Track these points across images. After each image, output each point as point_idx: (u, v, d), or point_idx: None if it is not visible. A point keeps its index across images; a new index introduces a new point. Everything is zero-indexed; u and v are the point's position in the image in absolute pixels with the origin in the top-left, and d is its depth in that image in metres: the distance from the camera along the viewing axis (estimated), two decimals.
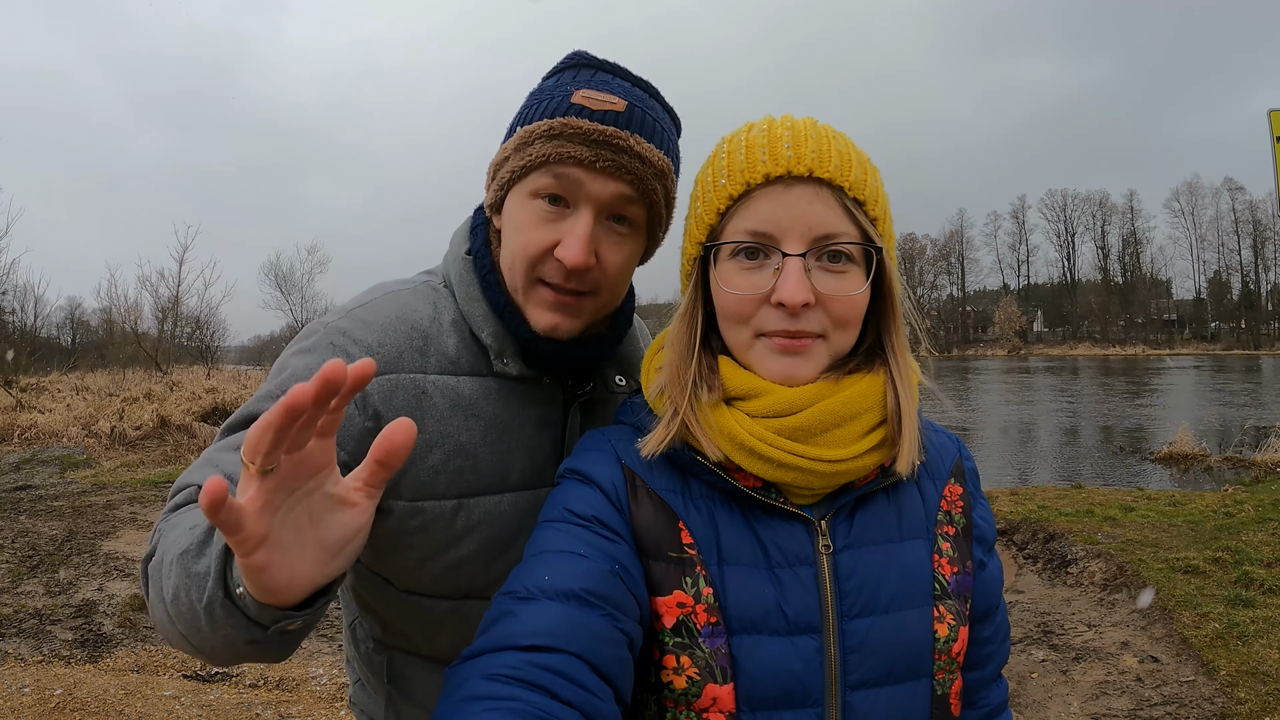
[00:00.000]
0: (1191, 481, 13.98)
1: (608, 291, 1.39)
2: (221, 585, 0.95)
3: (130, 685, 5.36)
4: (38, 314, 57.32)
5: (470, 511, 1.37)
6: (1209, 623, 6.01)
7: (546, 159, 1.29)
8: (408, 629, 1.47)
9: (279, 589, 0.85)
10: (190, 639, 1.02)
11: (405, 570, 1.39)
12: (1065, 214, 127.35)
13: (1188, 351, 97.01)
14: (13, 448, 16.06)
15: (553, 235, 1.31)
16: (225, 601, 0.94)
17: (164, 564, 1.04)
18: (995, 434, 22.43)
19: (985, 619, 1.30)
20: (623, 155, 1.29)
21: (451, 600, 1.41)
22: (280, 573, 0.84)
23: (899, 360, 1.20)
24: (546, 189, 1.30)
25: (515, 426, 1.41)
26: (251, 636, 0.95)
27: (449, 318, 1.42)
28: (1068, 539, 8.39)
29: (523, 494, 1.41)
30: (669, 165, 1.37)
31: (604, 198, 1.30)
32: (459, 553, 1.37)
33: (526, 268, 1.33)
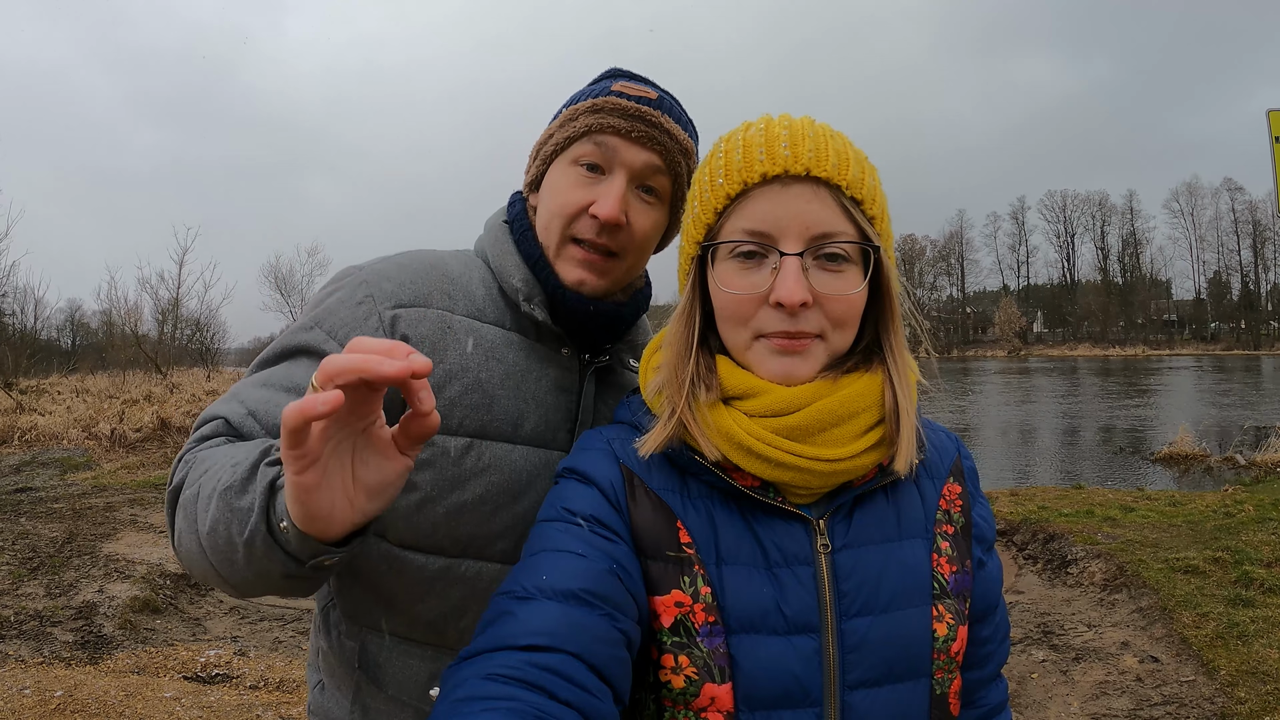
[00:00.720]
0: (1191, 482, 13.99)
1: (632, 256, 1.50)
2: (264, 520, 1.00)
3: (130, 687, 5.36)
4: (38, 316, 57.40)
5: (480, 453, 1.39)
6: (1209, 623, 6.01)
7: (589, 129, 1.44)
8: (393, 596, 1.43)
9: (320, 515, 0.92)
10: (221, 570, 1.09)
11: (404, 514, 1.37)
12: (1065, 215, 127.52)
13: (1188, 352, 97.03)
14: (13, 450, 16.06)
15: (589, 195, 1.44)
16: (267, 536, 1.00)
17: (200, 498, 1.10)
18: (995, 434, 22.44)
19: (984, 618, 1.30)
20: (655, 129, 1.45)
21: (446, 557, 1.40)
22: (324, 499, 0.90)
23: (897, 359, 1.20)
24: (586, 156, 1.45)
25: (533, 379, 1.47)
26: (287, 570, 1.01)
27: (479, 276, 1.52)
28: (1068, 539, 8.39)
29: (534, 450, 1.45)
30: (693, 146, 1.53)
31: (636, 165, 1.45)
32: (463, 496, 1.38)
33: (563, 224, 1.45)
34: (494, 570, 1.41)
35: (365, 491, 0.95)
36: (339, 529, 0.95)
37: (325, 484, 0.90)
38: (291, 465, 0.87)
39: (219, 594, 7.90)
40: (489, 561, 1.41)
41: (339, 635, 1.51)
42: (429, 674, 1.44)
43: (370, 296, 1.40)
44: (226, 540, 1.04)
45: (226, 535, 1.04)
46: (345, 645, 1.50)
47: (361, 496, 0.95)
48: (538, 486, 1.43)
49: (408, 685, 1.45)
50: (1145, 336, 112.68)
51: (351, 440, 0.93)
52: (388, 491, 0.97)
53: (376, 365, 0.83)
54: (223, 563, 1.07)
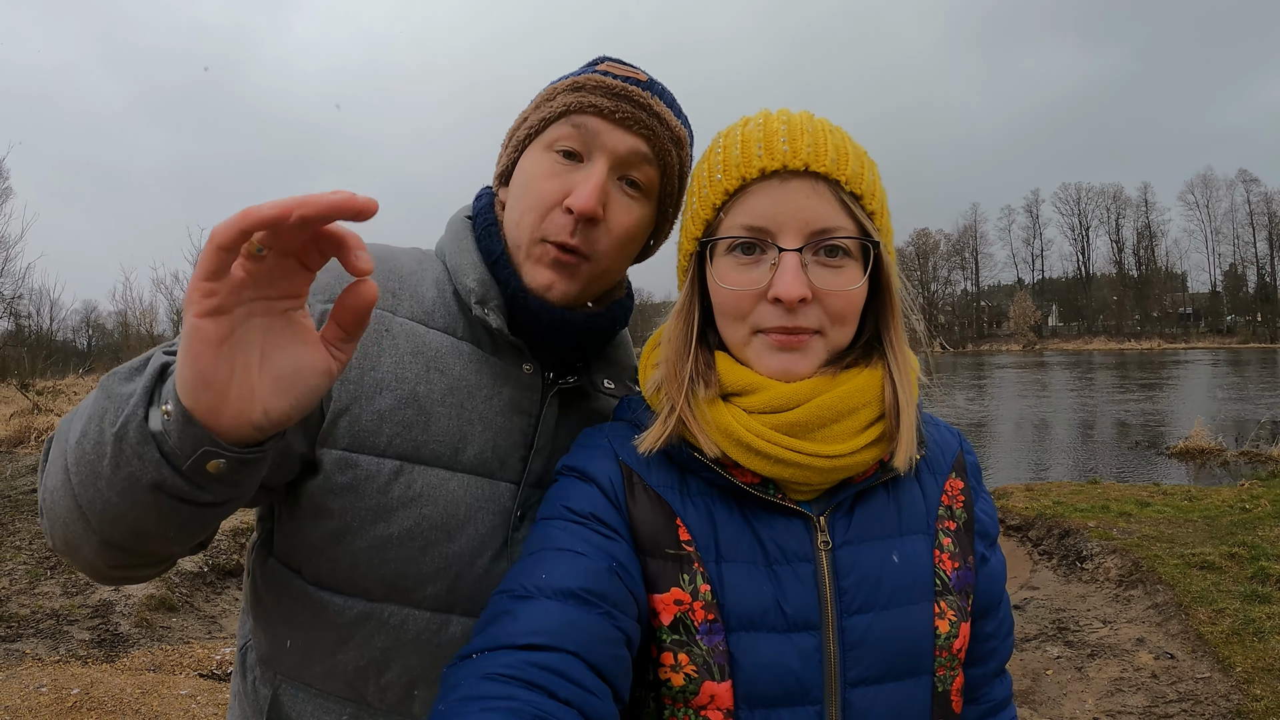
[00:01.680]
0: (1208, 476, 13.91)
1: (607, 259, 1.32)
2: (144, 404, 0.86)
3: (146, 684, 5.40)
4: (54, 318, 57.83)
5: (411, 479, 1.21)
6: (1224, 619, 5.98)
7: (567, 109, 1.29)
8: (308, 643, 1.24)
9: (215, 383, 0.78)
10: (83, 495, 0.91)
11: (321, 548, 1.20)
12: (1079, 207, 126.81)
13: (1204, 345, 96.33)
14: (30, 450, 16.17)
15: (564, 185, 1.27)
16: (142, 424, 0.84)
17: (77, 413, 0.95)
18: (1010, 429, 22.35)
19: (988, 614, 1.29)
20: (642, 111, 1.29)
21: (369, 601, 1.21)
22: (222, 366, 0.78)
23: (897, 354, 1.20)
24: (564, 140, 1.29)
25: (482, 397, 1.28)
26: (159, 476, 0.84)
27: (432, 276, 1.34)
28: (1083, 535, 8.36)
29: (476, 480, 1.25)
30: (685, 135, 1.37)
31: (620, 151, 1.28)
32: (388, 529, 1.19)
33: (535, 220, 1.28)
34: (422, 619, 1.22)
35: (272, 380, 0.82)
36: (231, 422, 0.81)
37: (228, 347, 0.78)
38: (196, 304, 0.75)
39: (234, 591, 7.96)
40: (417, 609, 1.22)
41: (254, 680, 1.32)
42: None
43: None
44: (96, 440, 0.87)
45: (97, 433, 0.88)
46: (259, 692, 1.30)
47: (266, 387, 0.81)
48: (478, 523, 1.24)
49: None
50: (1161, 330, 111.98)
51: (266, 319, 0.81)
52: (299, 389, 0.83)
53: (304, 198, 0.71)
54: (87, 479, 0.89)
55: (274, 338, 0.81)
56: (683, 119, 1.39)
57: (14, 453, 15.72)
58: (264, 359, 0.81)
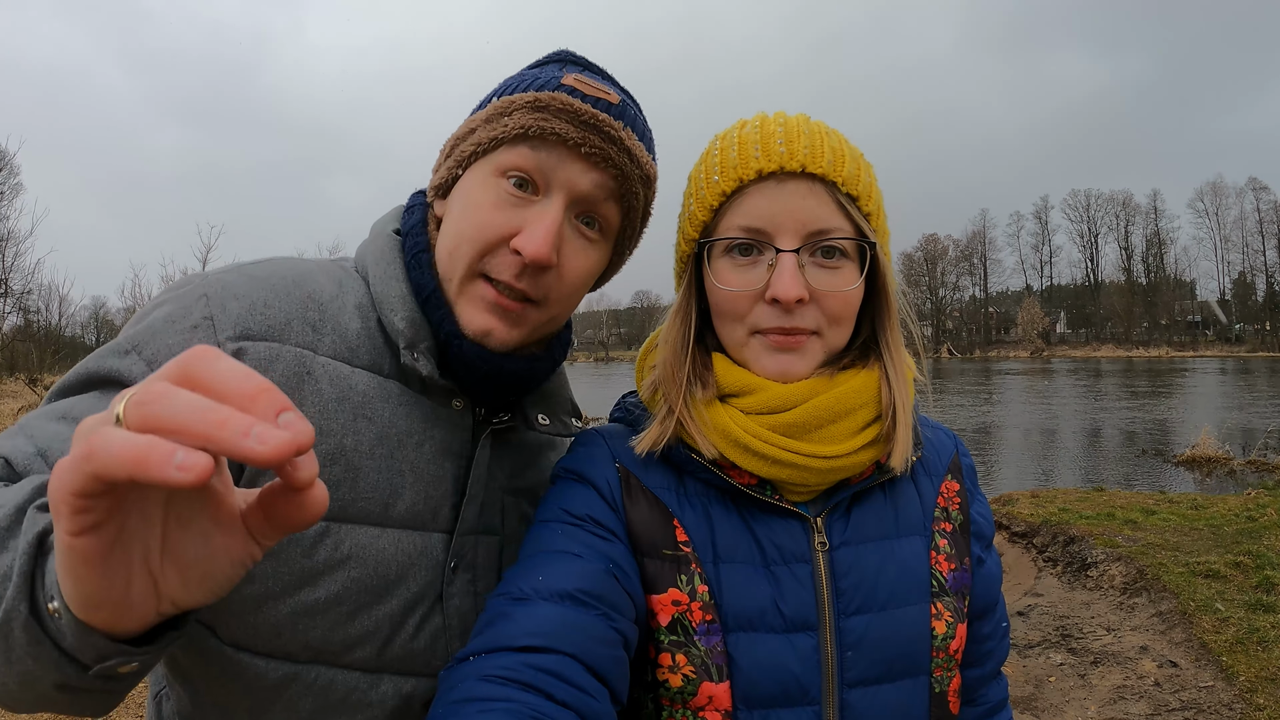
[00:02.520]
0: (1214, 485, 13.85)
1: (557, 305, 1.20)
2: (27, 595, 0.69)
3: (147, 680, 5.42)
4: (62, 313, 58.01)
5: (339, 540, 1.08)
6: (1229, 628, 5.95)
7: (524, 131, 1.12)
8: (227, 705, 1.09)
9: (107, 601, 0.61)
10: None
11: (238, 612, 1.04)
12: (1088, 214, 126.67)
13: (1212, 354, 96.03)
14: None
15: (513, 222, 1.13)
16: (29, 621, 0.68)
17: None
18: (1017, 436, 22.29)
19: (984, 616, 1.30)
20: (611, 145, 1.15)
21: (292, 663, 1.07)
22: (114, 579, 0.60)
23: (893, 355, 1.20)
24: (517, 167, 1.13)
25: (413, 445, 1.16)
26: (62, 678, 0.70)
27: (354, 301, 1.18)
28: (1088, 542, 8.33)
29: (408, 533, 1.14)
30: (656, 174, 1.25)
31: (582, 188, 1.15)
32: (315, 595, 1.06)
33: (474, 254, 1.13)
34: (351, 679, 1.10)
35: (179, 571, 0.63)
36: (136, 622, 0.64)
37: (117, 554, 0.59)
38: (66, 521, 0.55)
39: None
40: (346, 669, 1.10)
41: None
42: None
43: (209, 319, 1.05)
44: None
45: None
46: None
47: (173, 578, 0.63)
48: (412, 579, 1.14)
49: None
50: (1169, 338, 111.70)
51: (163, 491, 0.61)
52: (212, 580, 0.65)
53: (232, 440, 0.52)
54: None
55: (178, 513, 0.62)
56: (652, 150, 1.26)
57: None
58: (168, 543, 0.62)
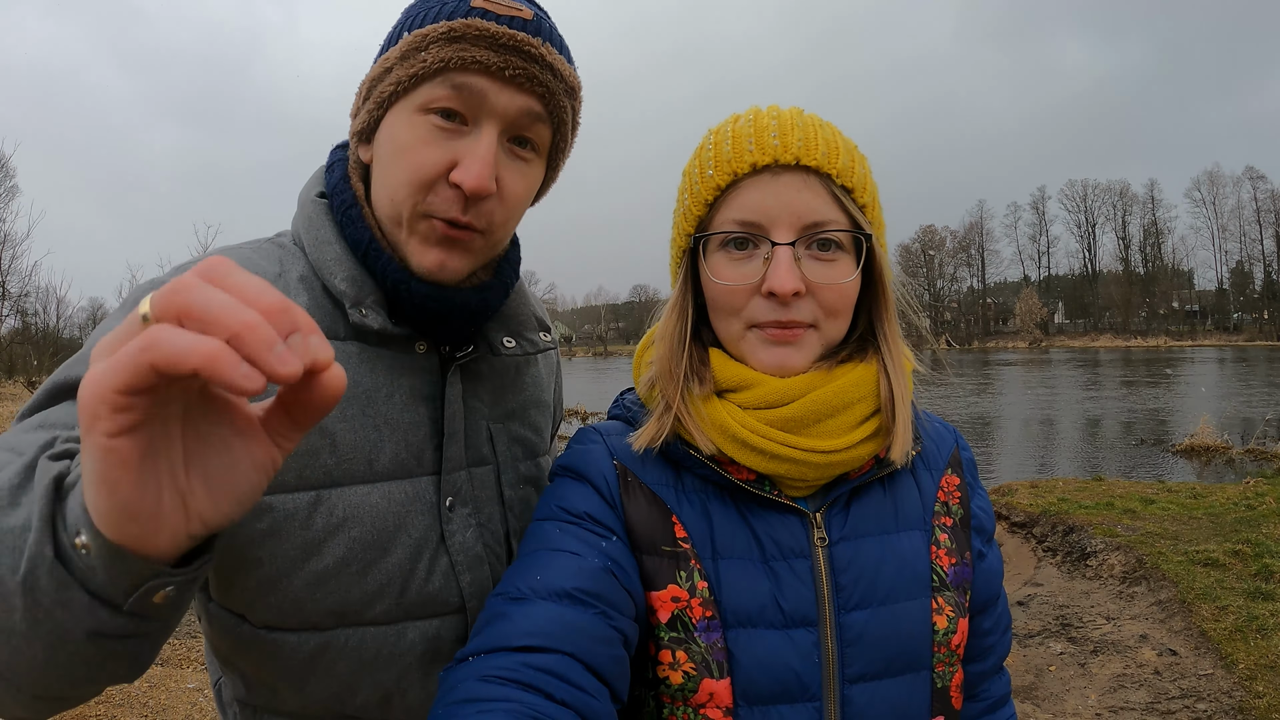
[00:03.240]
0: (1213, 474, 13.88)
1: (502, 229, 1.20)
2: (50, 539, 0.67)
3: (154, 678, 5.43)
4: (60, 315, 57.79)
5: (331, 506, 1.11)
6: (1228, 616, 5.97)
7: (445, 64, 1.10)
8: (275, 681, 1.17)
9: (143, 512, 0.60)
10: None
11: (259, 596, 1.10)
12: (1086, 204, 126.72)
13: (1210, 343, 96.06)
14: None
15: (448, 155, 1.11)
16: (55, 565, 0.66)
17: None
18: (1016, 426, 22.32)
19: (985, 610, 1.29)
20: (534, 65, 1.13)
21: (321, 632, 1.14)
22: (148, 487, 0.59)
23: (891, 348, 1.20)
24: (441, 101, 1.11)
25: (382, 398, 1.17)
26: (95, 623, 0.68)
27: (296, 274, 1.18)
28: (1087, 531, 8.35)
29: (397, 483, 1.17)
30: (579, 83, 1.23)
31: (510, 113, 1.13)
32: (322, 563, 1.11)
33: (414, 196, 1.12)
34: (380, 634, 1.16)
35: (204, 484, 0.63)
36: (166, 542, 0.63)
37: (149, 462, 0.58)
38: (106, 422, 0.54)
39: None
40: (370, 626, 1.16)
41: (234, 715, 1.26)
42: None
43: None
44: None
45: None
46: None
47: (200, 492, 0.62)
48: (411, 526, 1.17)
49: None
50: (1167, 327, 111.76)
51: (182, 402, 0.60)
52: (238, 490, 0.64)
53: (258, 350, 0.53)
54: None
55: (198, 427, 0.62)
56: (569, 56, 1.23)
57: None
58: (189, 457, 0.62)
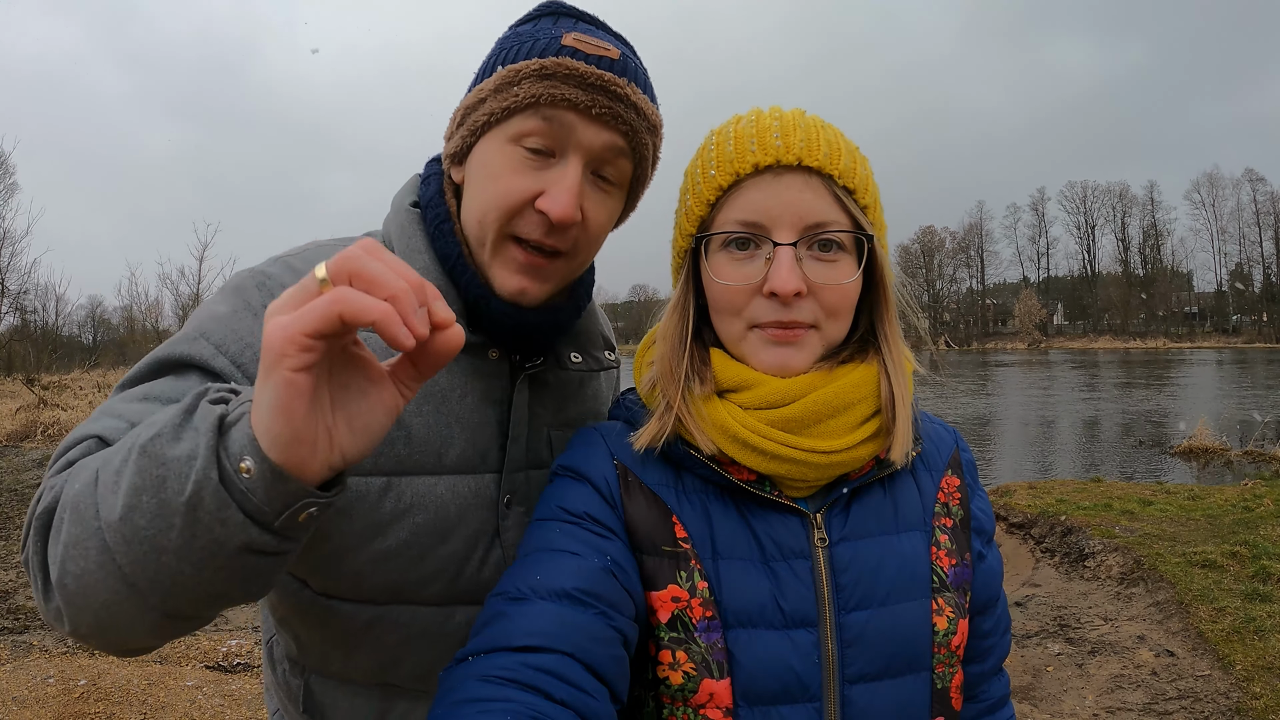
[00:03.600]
0: (1211, 475, 13.88)
1: (583, 254, 1.29)
2: (215, 465, 0.77)
3: (153, 676, 5.43)
4: (59, 313, 57.72)
5: (400, 492, 1.21)
6: (1225, 617, 5.98)
7: (536, 100, 1.18)
8: (326, 645, 1.28)
9: (307, 438, 0.74)
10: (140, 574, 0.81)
11: (323, 566, 1.20)
12: (1085, 206, 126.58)
13: (1209, 345, 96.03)
14: (35, 444, 16.24)
15: (535, 184, 1.20)
16: (219, 489, 0.76)
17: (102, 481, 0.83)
18: (1015, 427, 22.31)
19: (985, 611, 1.29)
20: (619, 104, 1.21)
21: (376, 606, 1.24)
22: (312, 421, 0.74)
23: (892, 349, 1.20)
24: (531, 134, 1.20)
25: (455, 398, 1.27)
26: (247, 537, 0.78)
27: None
28: (1085, 532, 8.36)
29: (462, 478, 1.26)
30: (660, 120, 1.31)
31: (595, 148, 1.22)
32: (386, 543, 1.20)
33: (501, 219, 1.21)
34: (429, 613, 1.26)
35: (347, 423, 0.78)
36: (316, 471, 0.77)
37: (314, 397, 0.73)
38: (294, 357, 0.69)
39: None
40: (423, 605, 1.25)
41: (284, 672, 1.38)
42: (378, 712, 1.31)
43: (264, 307, 1.14)
44: (155, 512, 0.78)
45: (156, 505, 0.78)
46: (291, 683, 1.37)
47: (342, 429, 0.78)
48: (470, 519, 1.26)
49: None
50: (1166, 329, 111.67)
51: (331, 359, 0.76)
52: (372, 429, 0.80)
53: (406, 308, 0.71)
54: (147, 556, 0.80)
55: (341, 378, 0.78)
56: (653, 95, 1.31)
57: (20, 447, 15.79)
58: (335, 401, 0.78)
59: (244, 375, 1.13)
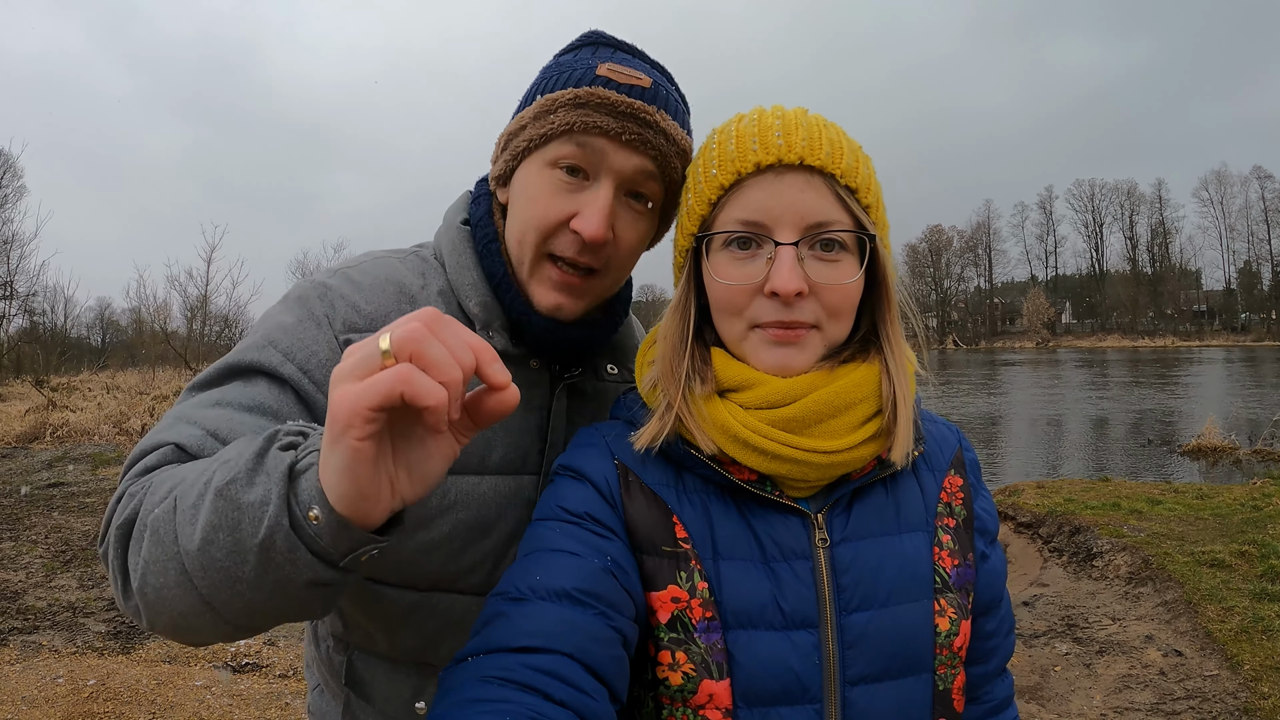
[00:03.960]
0: (1220, 474, 13.83)
1: (616, 271, 1.36)
2: (286, 512, 0.84)
3: (162, 675, 5.45)
4: (68, 314, 58.02)
5: (445, 489, 1.30)
6: (1234, 616, 5.95)
7: (570, 127, 1.27)
8: (370, 625, 1.37)
9: (371, 494, 0.80)
10: (217, 596, 0.90)
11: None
12: (1093, 204, 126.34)
13: (1218, 343, 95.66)
14: (45, 445, 16.29)
15: (570, 206, 1.28)
16: (290, 533, 0.84)
17: (180, 511, 0.91)
18: (1023, 426, 22.27)
19: (988, 612, 1.29)
20: (648, 130, 1.28)
21: (418, 591, 1.33)
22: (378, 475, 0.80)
23: (894, 349, 1.19)
24: (567, 158, 1.28)
25: None
26: (315, 575, 0.86)
27: (436, 287, 1.38)
28: (1093, 532, 8.33)
29: (503, 478, 1.35)
30: (690, 145, 1.36)
31: (626, 171, 1.29)
32: (430, 535, 1.29)
33: (539, 239, 1.30)
34: (467, 602, 1.34)
35: (407, 472, 0.84)
36: (379, 517, 0.84)
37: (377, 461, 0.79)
38: (359, 429, 0.74)
39: None
40: (461, 594, 1.35)
41: (327, 648, 1.47)
42: (414, 689, 1.39)
43: (326, 317, 1.28)
44: (231, 549, 0.86)
45: (231, 542, 0.86)
46: (334, 659, 1.45)
47: (403, 480, 0.84)
48: (508, 517, 1.35)
49: (394, 700, 1.40)
50: (1175, 327, 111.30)
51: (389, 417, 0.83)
52: (429, 477, 0.86)
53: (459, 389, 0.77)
54: (222, 583, 0.89)
55: (402, 428, 0.82)
56: (685, 121, 1.38)
57: (29, 448, 15.84)
58: (396, 453, 0.83)
59: (309, 380, 1.22)
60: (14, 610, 6.66)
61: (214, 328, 43.87)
